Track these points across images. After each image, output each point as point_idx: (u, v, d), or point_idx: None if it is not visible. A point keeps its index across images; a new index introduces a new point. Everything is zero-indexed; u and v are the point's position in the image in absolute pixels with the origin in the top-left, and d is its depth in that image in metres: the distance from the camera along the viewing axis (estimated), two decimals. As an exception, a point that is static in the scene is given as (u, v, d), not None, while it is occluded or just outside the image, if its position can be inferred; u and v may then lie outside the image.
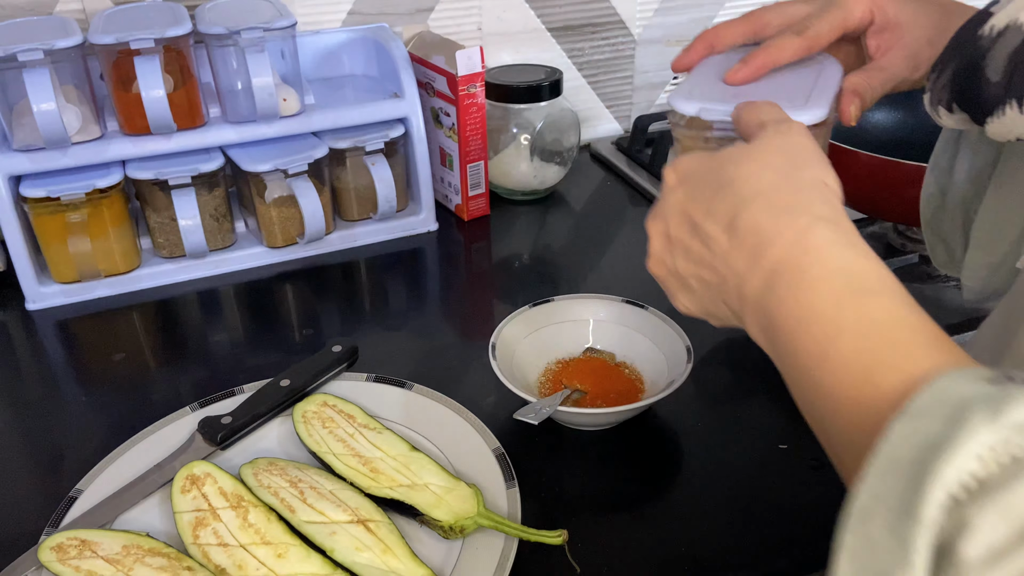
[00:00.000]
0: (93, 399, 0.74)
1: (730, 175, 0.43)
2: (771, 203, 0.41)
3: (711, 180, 0.44)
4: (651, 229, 0.48)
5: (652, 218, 0.47)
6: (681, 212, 0.45)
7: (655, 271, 0.48)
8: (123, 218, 0.86)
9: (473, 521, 0.55)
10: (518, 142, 1.01)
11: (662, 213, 0.47)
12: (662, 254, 0.47)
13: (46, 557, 0.54)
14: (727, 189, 0.43)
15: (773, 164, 0.43)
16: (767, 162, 0.43)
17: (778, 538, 0.58)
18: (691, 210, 0.44)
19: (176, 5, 0.88)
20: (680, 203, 0.45)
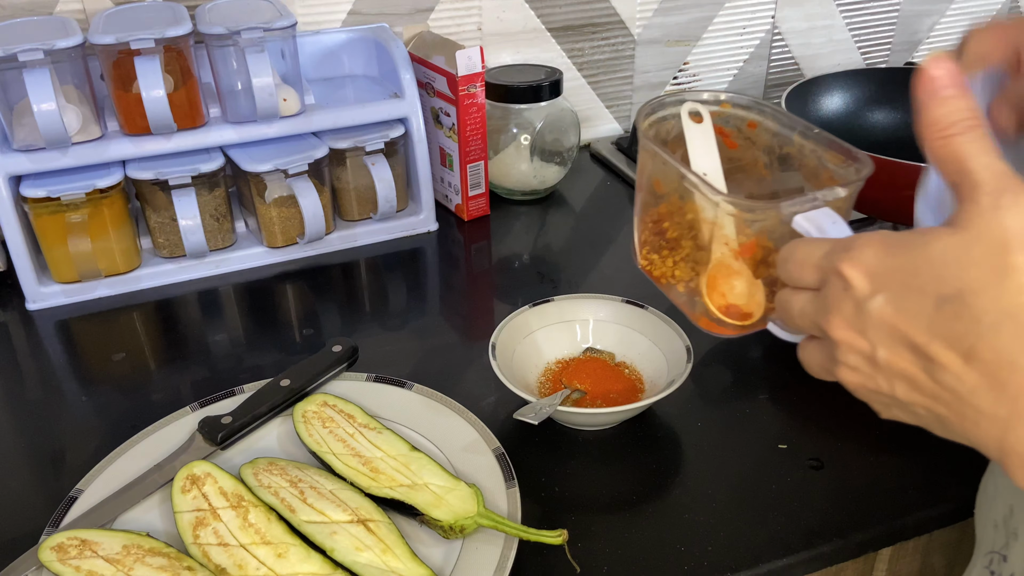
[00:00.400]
0: (93, 399, 0.74)
1: (953, 284, 0.35)
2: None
3: (924, 286, 0.36)
4: (840, 340, 0.39)
5: (838, 327, 0.39)
6: (890, 329, 0.37)
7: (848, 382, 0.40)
8: (123, 218, 0.86)
9: (473, 521, 0.55)
10: (518, 142, 1.01)
11: (855, 325, 0.38)
12: (867, 373, 0.39)
13: (46, 557, 0.54)
14: (955, 304, 0.34)
15: (1016, 269, 0.33)
16: (1003, 265, 0.33)
17: (778, 538, 0.58)
18: (906, 328, 0.36)
19: (176, 5, 0.88)
20: (885, 316, 0.37)
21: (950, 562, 0.72)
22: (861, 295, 0.38)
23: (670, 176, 0.51)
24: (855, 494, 0.62)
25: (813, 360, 0.43)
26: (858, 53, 1.34)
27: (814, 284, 0.42)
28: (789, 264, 0.43)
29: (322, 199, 0.90)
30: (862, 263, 0.38)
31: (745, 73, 1.28)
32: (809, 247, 0.42)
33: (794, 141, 0.53)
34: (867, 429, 0.67)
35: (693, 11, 1.19)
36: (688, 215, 0.51)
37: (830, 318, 0.39)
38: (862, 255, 0.38)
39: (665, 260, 0.53)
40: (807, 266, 0.42)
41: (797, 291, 0.43)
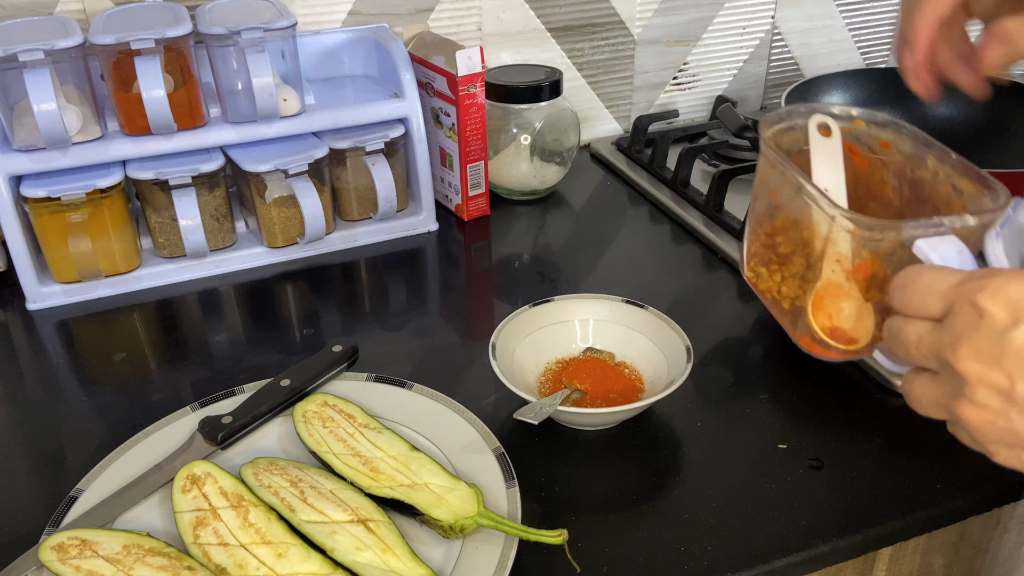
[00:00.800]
0: (93, 399, 0.74)
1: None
2: None
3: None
4: (971, 373, 0.38)
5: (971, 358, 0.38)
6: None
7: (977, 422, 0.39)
8: (124, 218, 0.86)
9: (473, 521, 0.55)
10: (518, 142, 1.02)
11: (992, 356, 0.37)
12: (999, 409, 0.38)
13: (47, 557, 0.54)
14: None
15: None
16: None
17: (778, 538, 0.58)
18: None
19: (176, 5, 0.88)
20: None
21: (950, 562, 0.72)
22: (1001, 324, 0.36)
23: (788, 187, 0.48)
24: (855, 494, 0.62)
25: (925, 394, 0.41)
26: (858, 53, 1.34)
27: (937, 314, 0.40)
28: (909, 290, 0.41)
29: (322, 199, 0.90)
30: (1003, 295, 0.37)
31: (745, 73, 1.28)
32: (935, 274, 0.40)
33: (928, 164, 0.50)
34: (867, 429, 0.67)
35: (693, 11, 1.19)
36: (803, 230, 0.48)
37: (959, 349, 0.38)
38: (1005, 287, 0.37)
39: (773, 274, 0.50)
40: (932, 293, 0.40)
41: (913, 320, 0.41)
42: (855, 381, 0.72)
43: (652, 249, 0.96)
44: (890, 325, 0.42)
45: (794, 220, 0.48)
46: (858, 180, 0.52)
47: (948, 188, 0.48)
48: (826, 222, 0.46)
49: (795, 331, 0.49)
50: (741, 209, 0.95)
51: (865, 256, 0.45)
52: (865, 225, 0.44)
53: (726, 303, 0.85)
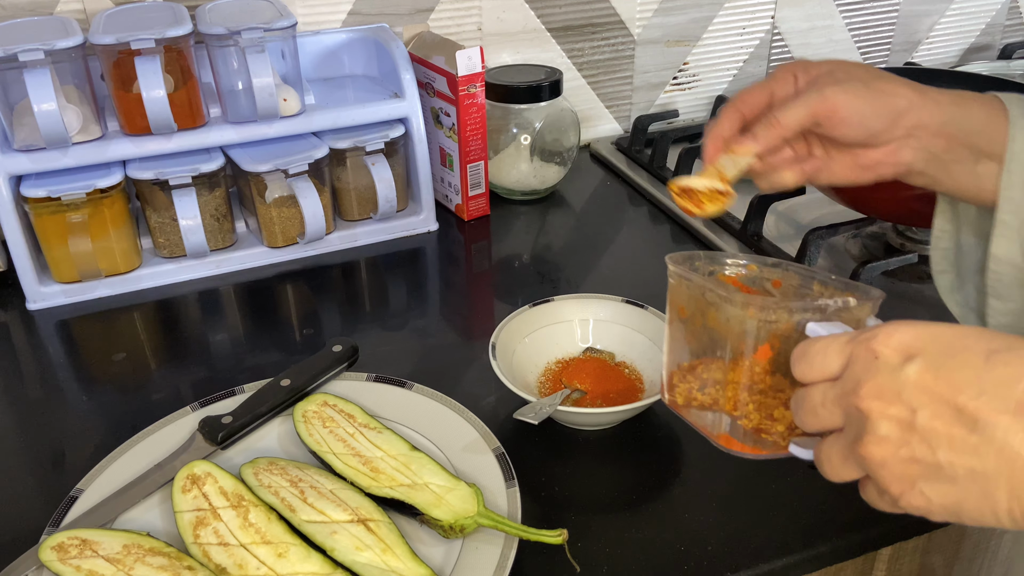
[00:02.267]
0: (93, 399, 0.74)
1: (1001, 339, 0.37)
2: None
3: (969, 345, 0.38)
4: (872, 410, 0.39)
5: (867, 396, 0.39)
6: (930, 391, 0.38)
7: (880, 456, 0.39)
8: (124, 218, 0.86)
9: (473, 521, 0.55)
10: (518, 142, 1.02)
11: (889, 390, 0.39)
12: (900, 440, 0.39)
13: (47, 556, 0.54)
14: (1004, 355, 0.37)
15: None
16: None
17: (778, 538, 0.58)
18: (946, 388, 0.37)
19: (176, 5, 0.88)
20: (924, 379, 0.38)
21: (949, 562, 0.72)
22: (895, 362, 0.38)
23: (693, 295, 0.52)
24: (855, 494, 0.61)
25: (833, 451, 0.42)
26: (858, 53, 1.34)
27: (835, 371, 0.41)
28: (808, 355, 0.42)
29: (322, 199, 0.90)
30: (894, 339, 0.39)
31: (745, 73, 1.28)
32: (829, 338, 0.42)
33: (814, 289, 0.54)
34: (867, 429, 0.67)
35: (693, 11, 1.19)
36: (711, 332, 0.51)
37: (860, 390, 0.39)
38: (893, 333, 0.39)
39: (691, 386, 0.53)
40: (829, 352, 0.41)
41: (815, 384, 0.42)
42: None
43: (652, 249, 0.96)
44: (796, 397, 0.44)
45: (701, 324, 0.52)
46: None
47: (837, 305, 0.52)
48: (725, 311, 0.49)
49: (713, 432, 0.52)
50: (741, 209, 0.95)
51: (764, 340, 0.48)
52: (759, 305, 0.48)
53: (726, 303, 0.85)
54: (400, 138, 0.94)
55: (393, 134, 0.93)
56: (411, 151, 0.96)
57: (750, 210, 0.93)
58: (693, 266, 0.57)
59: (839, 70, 0.56)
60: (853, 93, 0.54)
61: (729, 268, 0.57)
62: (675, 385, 0.54)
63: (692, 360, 0.53)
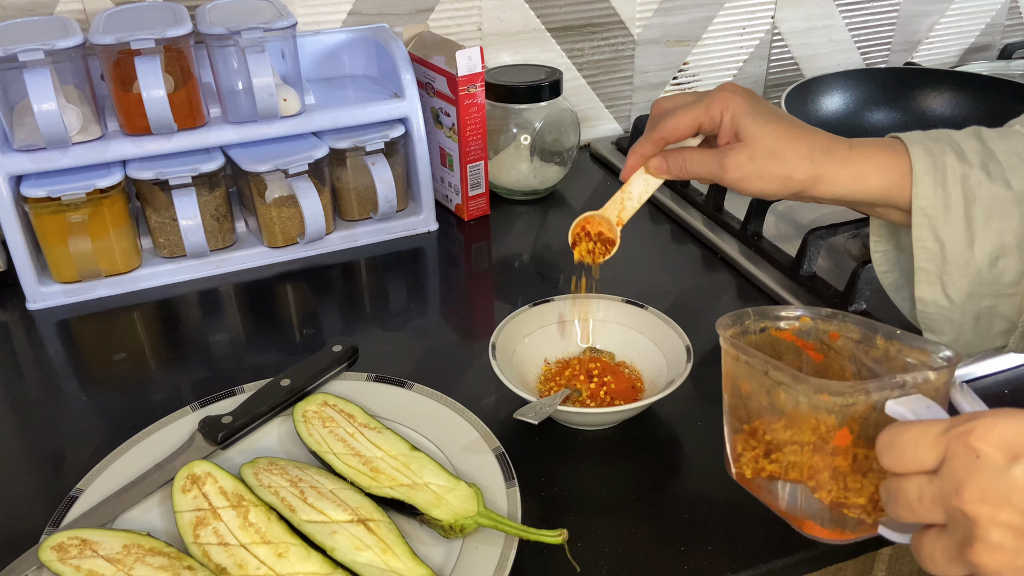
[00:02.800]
0: (93, 399, 0.74)
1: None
2: None
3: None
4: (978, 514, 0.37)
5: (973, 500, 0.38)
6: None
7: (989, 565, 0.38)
8: (124, 218, 0.86)
9: (473, 520, 0.55)
10: (518, 142, 1.02)
11: (997, 495, 0.37)
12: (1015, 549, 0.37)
13: (47, 556, 0.54)
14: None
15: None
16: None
17: (778, 538, 0.58)
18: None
19: (176, 5, 0.88)
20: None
21: (950, 562, 0.72)
22: (999, 463, 0.37)
23: (754, 373, 0.50)
24: (855, 494, 0.61)
25: (936, 549, 0.40)
26: (858, 53, 1.34)
27: (931, 464, 0.40)
28: (897, 446, 0.41)
29: (322, 199, 0.90)
30: (994, 434, 0.37)
31: (745, 73, 1.28)
32: (920, 426, 0.40)
33: (878, 344, 0.52)
34: (867, 429, 0.67)
35: (693, 11, 1.19)
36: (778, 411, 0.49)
37: (964, 493, 0.37)
38: (994, 427, 0.37)
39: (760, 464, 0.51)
40: (921, 445, 0.40)
41: (908, 476, 0.41)
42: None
43: (652, 249, 0.96)
44: (886, 487, 0.42)
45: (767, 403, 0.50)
46: (820, 374, 0.55)
47: (903, 362, 0.51)
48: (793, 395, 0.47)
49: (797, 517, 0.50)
50: (741, 209, 0.95)
51: (841, 423, 0.46)
52: (834, 391, 0.45)
53: (726, 303, 0.85)
54: (400, 138, 0.94)
55: (393, 134, 0.93)
56: (411, 151, 0.96)
57: (750, 210, 0.93)
58: (743, 326, 0.54)
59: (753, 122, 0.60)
60: (751, 165, 0.60)
61: (783, 322, 0.55)
62: (740, 455, 0.52)
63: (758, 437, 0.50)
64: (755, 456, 0.51)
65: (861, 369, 0.53)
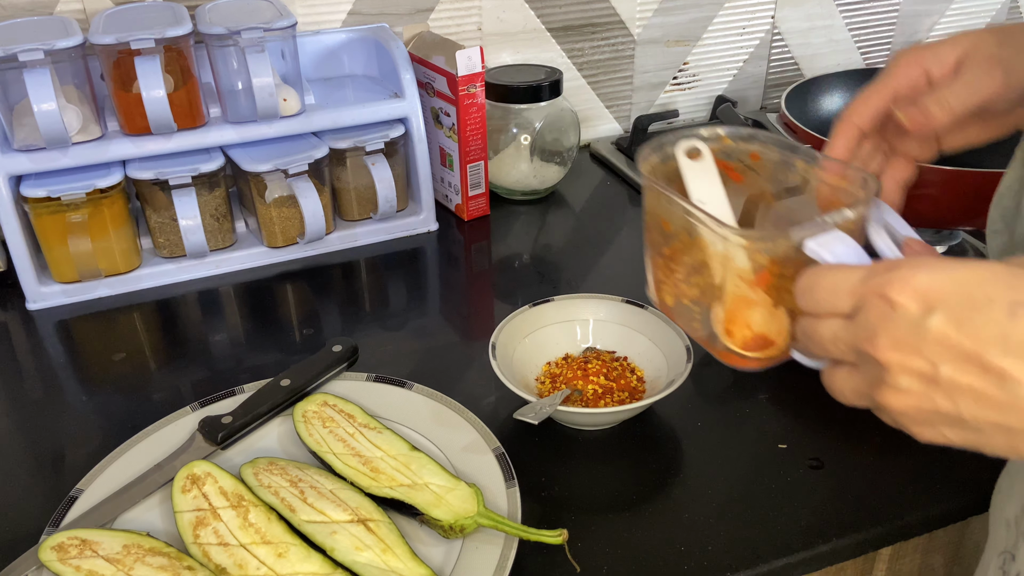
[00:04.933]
0: (93, 399, 0.74)
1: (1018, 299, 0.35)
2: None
3: (993, 296, 0.36)
4: (892, 362, 0.38)
5: (886, 348, 0.38)
6: (952, 346, 0.36)
7: (901, 407, 0.39)
8: (123, 218, 0.86)
9: (473, 521, 0.55)
10: (518, 142, 1.02)
11: (911, 344, 0.37)
12: (922, 394, 0.38)
13: (47, 556, 0.54)
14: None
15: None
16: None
17: (778, 538, 0.58)
18: (970, 342, 0.36)
19: (176, 5, 0.88)
20: (946, 332, 0.36)
21: (950, 562, 0.72)
22: (914, 314, 0.37)
23: (676, 214, 0.50)
24: (855, 494, 0.62)
25: (847, 386, 0.42)
26: (858, 53, 1.34)
27: (847, 310, 0.41)
28: (816, 292, 0.42)
29: (322, 199, 0.90)
30: (910, 285, 0.38)
31: (745, 73, 1.28)
32: (838, 273, 0.41)
33: (798, 167, 0.52)
34: (867, 429, 0.67)
35: (693, 11, 1.19)
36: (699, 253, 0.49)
37: (876, 340, 0.38)
38: (912, 278, 0.38)
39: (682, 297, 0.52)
40: (839, 292, 0.41)
41: (823, 318, 0.42)
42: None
43: (652, 249, 0.96)
44: (803, 327, 0.44)
45: (689, 243, 0.50)
46: (739, 194, 0.54)
47: (824, 188, 0.51)
48: (719, 241, 0.47)
49: (714, 347, 0.51)
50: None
51: (763, 265, 0.46)
52: (756, 237, 0.46)
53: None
54: (400, 138, 0.94)
55: (393, 134, 0.93)
56: (411, 151, 0.96)
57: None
58: (663, 152, 0.53)
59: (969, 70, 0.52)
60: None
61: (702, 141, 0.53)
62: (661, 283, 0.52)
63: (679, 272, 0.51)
64: (675, 283, 0.51)
65: (780, 191, 0.53)
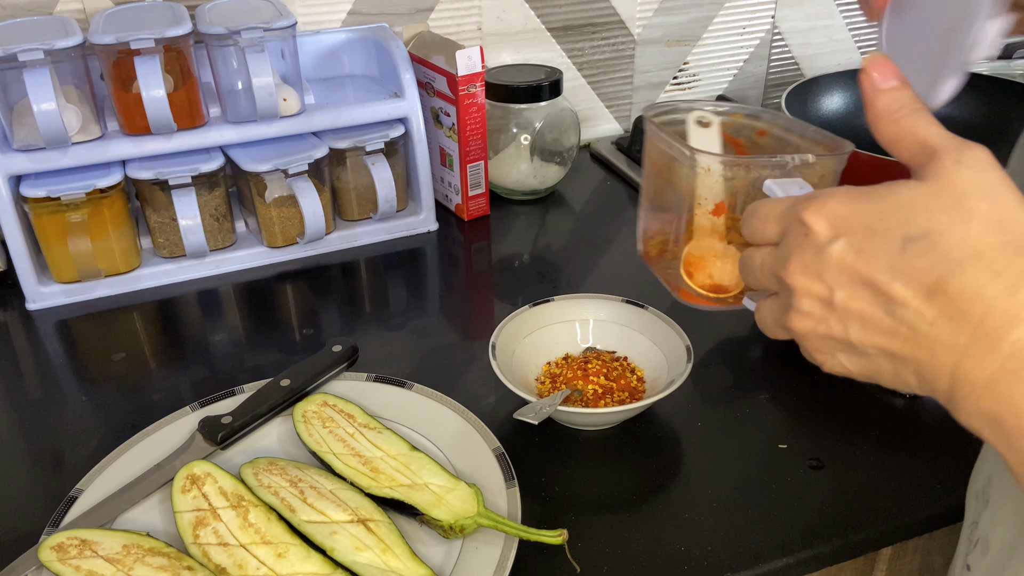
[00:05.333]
0: (93, 399, 0.74)
1: (920, 225, 0.36)
2: (995, 268, 0.35)
3: (890, 229, 0.37)
4: (797, 285, 0.40)
5: (797, 271, 0.40)
6: (850, 271, 0.38)
7: (802, 330, 0.41)
8: (123, 218, 0.86)
9: (473, 521, 0.55)
10: (518, 142, 1.01)
11: (815, 268, 0.39)
12: (820, 316, 0.40)
13: (46, 557, 0.54)
14: (920, 243, 0.36)
15: (977, 212, 0.36)
16: (967, 209, 0.36)
17: (778, 538, 0.58)
18: (865, 268, 0.37)
19: (176, 5, 0.88)
20: (846, 259, 0.38)
21: (949, 562, 0.72)
22: (822, 240, 0.39)
23: (661, 151, 0.52)
24: (855, 494, 0.62)
25: (768, 316, 0.44)
26: (858, 53, 1.34)
27: (774, 238, 0.42)
28: (753, 219, 0.44)
29: (322, 199, 0.90)
30: (823, 211, 0.39)
31: (745, 73, 1.28)
32: (772, 203, 0.43)
33: (794, 142, 0.54)
34: (867, 429, 0.67)
35: (693, 11, 1.19)
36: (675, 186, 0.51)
37: (788, 264, 0.40)
38: (825, 203, 0.39)
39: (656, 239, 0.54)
40: (769, 220, 0.42)
41: (759, 248, 0.44)
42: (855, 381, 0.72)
43: (652, 249, 0.96)
44: (742, 257, 0.45)
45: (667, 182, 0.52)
46: None
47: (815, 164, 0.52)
48: (688, 167, 0.49)
49: (676, 286, 0.52)
50: (741, 209, 0.95)
51: (721, 196, 0.48)
52: (720, 162, 0.47)
53: (726, 303, 0.85)
54: (400, 138, 0.94)
55: (393, 134, 0.93)
56: (411, 151, 0.96)
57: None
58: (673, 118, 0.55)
59: None
60: None
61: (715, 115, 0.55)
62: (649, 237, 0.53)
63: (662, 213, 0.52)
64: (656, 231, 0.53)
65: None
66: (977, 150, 0.38)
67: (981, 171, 0.37)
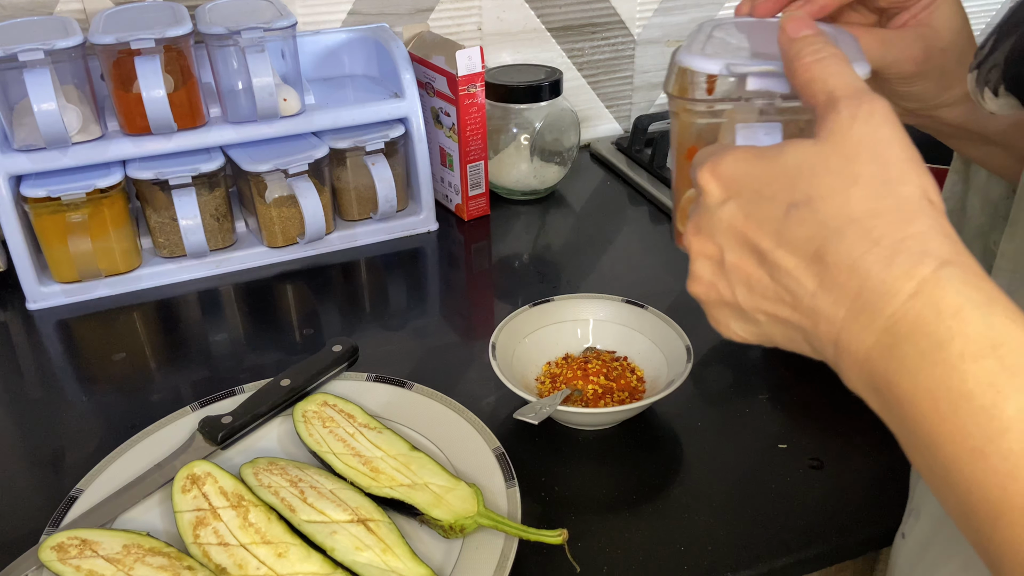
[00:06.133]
0: (93, 399, 0.74)
1: (804, 191, 0.35)
2: (872, 236, 0.34)
3: (775, 194, 0.36)
4: (692, 247, 0.39)
5: (692, 233, 0.39)
6: (738, 234, 0.37)
7: (698, 294, 0.40)
8: (124, 218, 0.86)
9: (473, 520, 0.55)
10: (518, 142, 1.01)
11: (707, 230, 0.38)
12: (711, 280, 0.39)
13: (47, 556, 0.54)
14: (803, 210, 0.35)
15: (862, 175, 0.35)
16: (853, 173, 0.35)
17: (778, 538, 0.58)
18: (752, 233, 0.37)
19: (176, 5, 0.88)
20: (734, 222, 0.37)
21: (950, 562, 0.72)
22: (713, 201, 0.38)
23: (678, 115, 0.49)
24: (855, 494, 0.62)
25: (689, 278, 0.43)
26: (858, 53, 1.34)
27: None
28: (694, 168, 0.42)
29: (322, 199, 0.90)
30: (716, 171, 0.38)
31: (745, 73, 1.28)
32: (699, 154, 0.41)
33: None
34: (867, 429, 0.67)
35: (693, 11, 1.19)
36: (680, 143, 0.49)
37: (689, 226, 0.40)
38: (719, 163, 0.38)
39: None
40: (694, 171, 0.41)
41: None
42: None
43: (652, 249, 0.96)
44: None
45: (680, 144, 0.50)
46: None
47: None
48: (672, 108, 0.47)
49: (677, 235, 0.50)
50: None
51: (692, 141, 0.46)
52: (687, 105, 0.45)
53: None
54: (400, 138, 0.94)
55: (393, 134, 0.93)
56: (411, 151, 0.96)
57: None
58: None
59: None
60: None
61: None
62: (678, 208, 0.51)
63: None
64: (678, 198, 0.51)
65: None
66: (875, 102, 0.36)
67: (875, 127, 0.35)
